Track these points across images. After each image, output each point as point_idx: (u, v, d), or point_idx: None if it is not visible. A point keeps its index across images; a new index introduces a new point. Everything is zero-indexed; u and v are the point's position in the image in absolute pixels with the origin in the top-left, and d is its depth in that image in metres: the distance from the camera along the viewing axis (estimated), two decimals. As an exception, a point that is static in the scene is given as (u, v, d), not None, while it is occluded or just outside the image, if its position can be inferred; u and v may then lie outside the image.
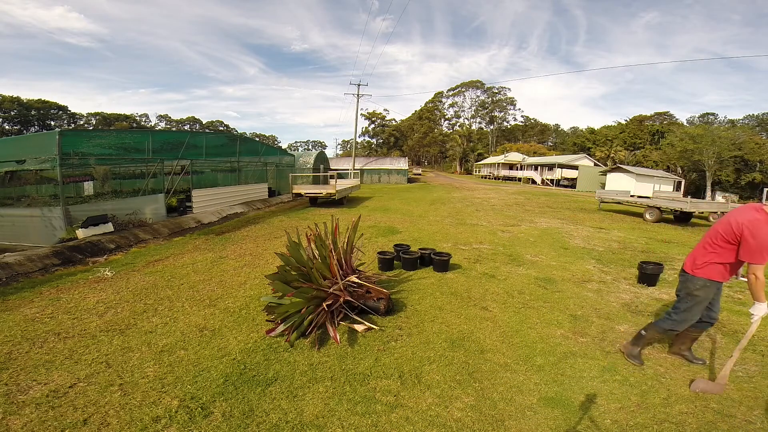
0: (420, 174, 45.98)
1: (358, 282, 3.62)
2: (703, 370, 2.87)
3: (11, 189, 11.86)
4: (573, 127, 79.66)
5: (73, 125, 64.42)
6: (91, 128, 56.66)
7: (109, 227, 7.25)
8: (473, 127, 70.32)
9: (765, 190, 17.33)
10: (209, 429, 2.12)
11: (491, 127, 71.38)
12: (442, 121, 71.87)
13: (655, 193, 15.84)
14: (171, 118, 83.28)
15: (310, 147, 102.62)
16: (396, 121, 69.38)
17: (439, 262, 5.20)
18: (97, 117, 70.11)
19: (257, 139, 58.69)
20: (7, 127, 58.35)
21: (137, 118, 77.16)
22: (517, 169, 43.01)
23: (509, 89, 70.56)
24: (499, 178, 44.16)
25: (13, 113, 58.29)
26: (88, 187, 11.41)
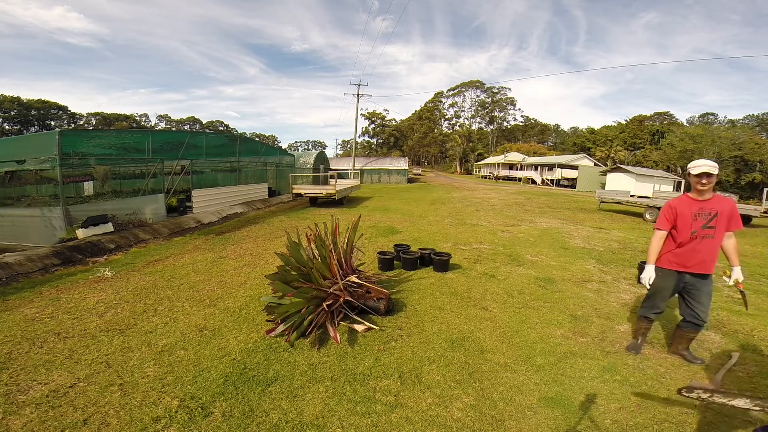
0: (420, 174, 45.97)
1: (358, 282, 3.62)
2: (703, 371, 2.87)
3: (11, 189, 11.86)
4: (573, 127, 79.69)
5: (73, 125, 64.43)
6: (91, 128, 56.65)
7: (109, 227, 7.25)
8: (473, 127, 70.31)
9: (765, 190, 17.31)
10: (209, 429, 2.12)
11: (491, 127, 71.38)
12: (442, 121, 71.87)
13: (655, 193, 15.84)
14: (171, 118, 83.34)
15: (310, 147, 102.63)
16: (396, 121, 69.40)
17: (439, 262, 5.20)
18: (97, 117, 70.13)
19: (257, 139, 58.68)
20: (7, 127, 58.35)
21: (137, 118, 77.19)
22: (517, 169, 43.00)
23: (509, 89, 70.59)
24: (499, 178, 44.15)
25: (13, 113, 58.29)
26: (88, 187, 11.40)
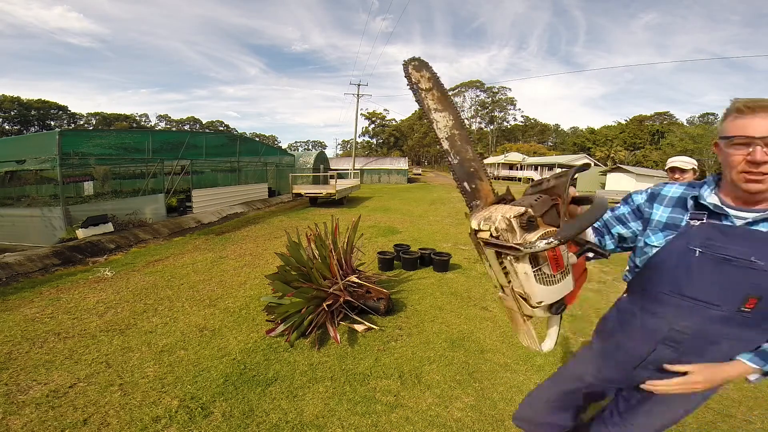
0: (420, 174, 45.98)
1: (358, 282, 3.62)
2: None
3: (11, 189, 11.86)
4: (573, 127, 79.73)
5: (73, 125, 64.44)
6: (91, 128, 56.67)
7: (109, 227, 7.25)
8: (473, 127, 70.32)
9: (765, 190, 17.29)
10: (209, 429, 2.12)
11: (491, 127, 71.41)
12: (442, 121, 71.68)
13: (655, 193, 15.80)
14: (171, 118, 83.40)
15: (310, 147, 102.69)
16: (396, 121, 69.45)
17: (439, 262, 5.20)
18: (97, 117, 70.17)
19: (257, 139, 58.70)
20: (7, 127, 58.36)
21: (137, 118, 77.22)
22: (517, 169, 43.00)
23: (509, 89, 70.69)
24: (498, 178, 44.16)
25: (13, 113, 58.30)
26: (88, 187, 11.40)
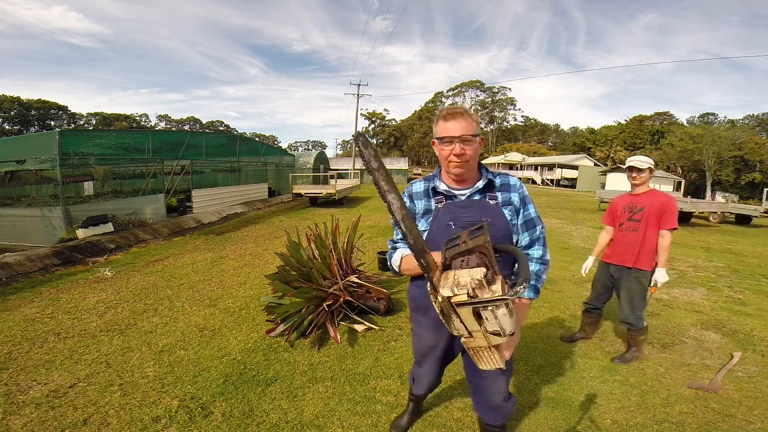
0: (420, 174, 45.94)
1: (358, 282, 3.62)
2: (703, 370, 2.87)
3: (11, 189, 11.86)
4: (573, 127, 79.70)
5: (73, 125, 64.43)
6: (91, 128, 56.67)
7: (109, 227, 7.25)
8: (473, 127, 70.14)
9: (765, 190, 17.31)
10: (209, 429, 2.12)
11: (491, 127, 71.40)
12: (442, 121, 71.70)
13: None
14: (171, 118, 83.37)
15: (310, 147, 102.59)
16: (396, 121, 69.47)
17: (439, 262, 5.19)
18: (97, 117, 70.16)
19: (257, 139, 58.67)
20: (7, 127, 58.36)
21: (137, 118, 77.20)
22: (517, 169, 43.00)
23: (509, 89, 70.70)
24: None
25: (13, 113, 58.30)
26: (88, 187, 11.40)
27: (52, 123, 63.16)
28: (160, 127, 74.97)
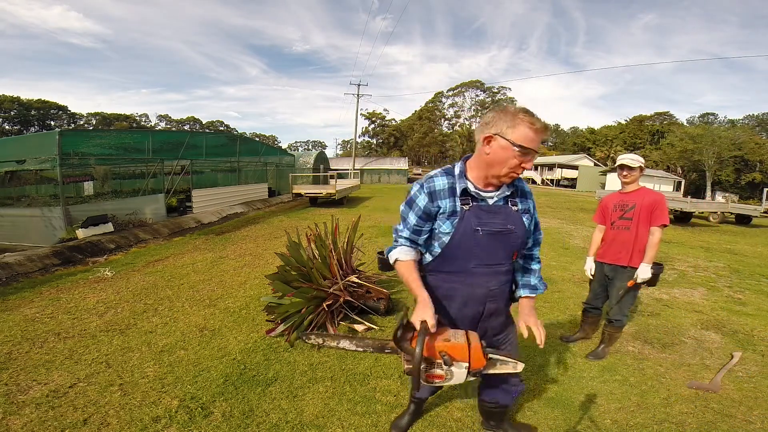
0: (420, 174, 45.96)
1: (358, 282, 3.62)
2: (703, 370, 2.87)
3: (11, 189, 11.86)
4: (573, 127, 79.69)
5: (73, 125, 64.41)
6: (91, 128, 56.68)
7: (109, 227, 7.25)
8: (473, 127, 70.22)
9: (765, 190, 17.30)
10: (209, 429, 2.12)
11: (491, 127, 71.14)
12: (442, 121, 71.82)
13: (655, 193, 15.81)
14: (171, 118, 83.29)
15: (310, 147, 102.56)
16: (396, 121, 69.35)
17: (439, 262, 5.19)
18: (97, 117, 70.12)
19: (257, 139, 58.64)
20: (7, 127, 58.35)
21: (137, 118, 77.16)
22: (517, 169, 42.90)
23: (509, 89, 70.53)
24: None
25: (13, 113, 58.29)
26: (88, 187, 11.40)
27: (52, 123, 63.13)
28: (160, 127, 74.92)
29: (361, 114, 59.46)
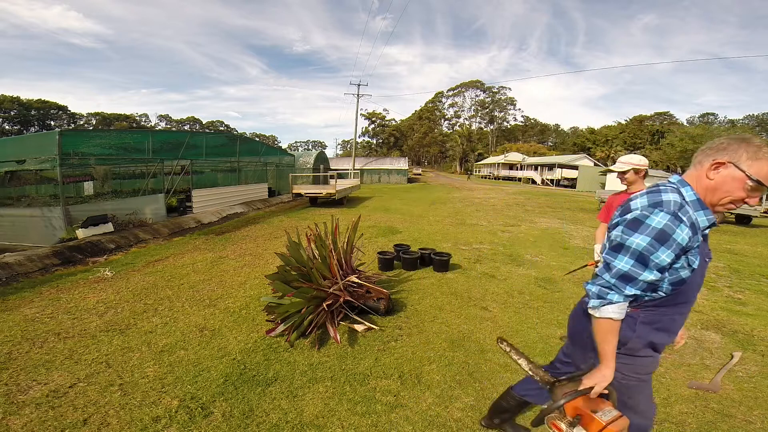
0: (420, 174, 45.95)
1: (358, 282, 3.62)
2: (703, 370, 2.87)
3: (11, 189, 11.86)
4: (573, 127, 79.70)
5: (72, 125, 64.44)
6: (91, 128, 56.66)
7: (109, 227, 7.24)
8: (473, 127, 70.30)
9: (765, 190, 17.23)
10: (209, 429, 2.12)
11: (491, 127, 71.42)
12: (442, 121, 71.91)
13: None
14: (171, 118, 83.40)
15: (310, 147, 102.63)
16: (396, 121, 69.41)
17: (439, 262, 5.20)
18: (97, 117, 70.18)
19: (257, 139, 58.63)
20: (7, 127, 58.37)
21: (137, 118, 77.21)
22: (517, 169, 42.98)
23: (509, 89, 70.74)
24: (499, 178, 44.14)
25: (13, 113, 58.31)
26: (88, 187, 11.40)
27: (52, 123, 63.19)
28: (160, 127, 74.99)
29: (361, 114, 59.51)
